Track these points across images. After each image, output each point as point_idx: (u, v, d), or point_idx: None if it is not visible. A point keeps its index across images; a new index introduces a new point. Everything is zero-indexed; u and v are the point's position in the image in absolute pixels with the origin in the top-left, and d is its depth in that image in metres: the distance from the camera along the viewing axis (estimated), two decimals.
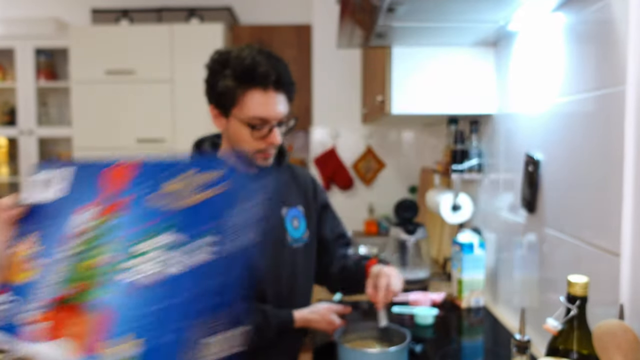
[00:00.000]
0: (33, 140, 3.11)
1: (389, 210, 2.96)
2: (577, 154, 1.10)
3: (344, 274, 1.31)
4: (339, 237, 1.39)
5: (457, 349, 1.34)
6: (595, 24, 1.03)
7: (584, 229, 1.07)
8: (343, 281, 1.32)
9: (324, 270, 1.37)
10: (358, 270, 1.28)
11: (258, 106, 1.10)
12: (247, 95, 1.10)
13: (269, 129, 1.12)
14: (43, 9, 3.35)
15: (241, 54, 1.10)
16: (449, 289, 1.78)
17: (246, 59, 1.09)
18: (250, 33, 3.09)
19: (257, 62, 1.08)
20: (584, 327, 0.88)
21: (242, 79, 1.09)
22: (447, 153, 1.80)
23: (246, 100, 1.10)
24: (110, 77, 2.92)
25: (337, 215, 1.42)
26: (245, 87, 1.09)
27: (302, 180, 1.33)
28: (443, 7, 1.15)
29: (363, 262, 1.29)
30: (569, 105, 1.14)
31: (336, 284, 1.36)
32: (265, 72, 1.08)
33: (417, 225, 1.82)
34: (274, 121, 1.12)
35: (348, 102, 2.99)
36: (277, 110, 1.11)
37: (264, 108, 1.10)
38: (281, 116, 1.13)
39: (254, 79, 1.08)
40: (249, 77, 1.08)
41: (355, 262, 1.30)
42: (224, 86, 1.10)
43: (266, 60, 1.09)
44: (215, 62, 1.13)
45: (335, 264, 1.34)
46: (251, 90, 1.09)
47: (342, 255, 1.36)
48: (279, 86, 1.11)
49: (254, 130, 1.11)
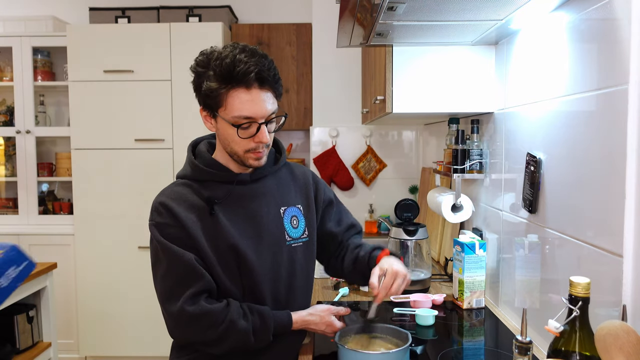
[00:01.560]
0: (31, 140, 3.10)
1: (389, 210, 2.95)
2: (579, 154, 1.09)
3: (357, 265, 1.30)
4: (349, 228, 1.39)
5: (458, 350, 1.33)
6: (597, 22, 1.02)
7: (586, 229, 1.06)
8: (355, 272, 1.31)
9: (337, 263, 1.36)
10: (369, 261, 1.26)
11: (242, 105, 1.08)
12: (230, 95, 1.09)
13: (257, 127, 1.11)
14: (41, 8, 3.34)
15: (222, 54, 1.09)
16: (450, 290, 1.78)
17: (227, 58, 1.07)
18: (250, 32, 3.08)
19: (237, 60, 1.06)
20: (586, 329, 0.87)
21: (224, 79, 1.08)
22: (447, 153, 1.79)
23: (230, 100, 1.09)
24: (108, 76, 2.91)
25: (344, 208, 1.42)
26: (228, 87, 1.08)
27: (301, 178, 1.32)
28: (443, 5, 1.14)
29: (375, 252, 1.27)
30: (570, 104, 1.13)
31: (350, 275, 1.34)
32: (244, 70, 1.06)
33: (418, 225, 1.82)
34: (260, 119, 1.11)
35: (348, 102, 2.99)
36: (263, 108, 1.10)
37: (249, 106, 1.09)
38: (268, 114, 1.12)
39: (234, 78, 1.07)
40: (229, 77, 1.07)
41: (368, 252, 1.29)
42: (208, 87, 1.09)
43: (247, 58, 1.07)
44: (198, 64, 1.12)
45: (348, 255, 1.33)
46: (234, 90, 1.08)
47: (355, 246, 1.34)
48: (263, 83, 1.09)
49: (241, 129, 1.10)
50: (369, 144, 3.00)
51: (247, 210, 1.19)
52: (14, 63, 3.05)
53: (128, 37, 2.90)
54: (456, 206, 1.79)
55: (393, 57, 1.62)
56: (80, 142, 2.95)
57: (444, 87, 1.63)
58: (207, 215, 1.14)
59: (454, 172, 1.72)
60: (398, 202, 1.87)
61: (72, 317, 3.06)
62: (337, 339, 1.15)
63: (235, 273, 1.16)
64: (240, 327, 1.11)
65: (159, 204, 1.15)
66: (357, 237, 1.40)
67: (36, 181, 3.13)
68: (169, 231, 1.12)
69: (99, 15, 3.08)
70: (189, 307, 1.09)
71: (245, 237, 1.16)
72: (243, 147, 1.13)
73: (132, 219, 2.92)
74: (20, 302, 2.23)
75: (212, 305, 1.10)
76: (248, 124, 1.10)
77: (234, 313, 1.11)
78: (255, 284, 1.17)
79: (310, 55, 3.04)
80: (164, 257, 1.12)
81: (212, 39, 2.85)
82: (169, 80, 2.91)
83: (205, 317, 1.09)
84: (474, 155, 1.72)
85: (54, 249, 3.02)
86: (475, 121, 1.75)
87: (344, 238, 1.37)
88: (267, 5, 3.32)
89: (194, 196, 1.16)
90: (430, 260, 1.85)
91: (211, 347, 1.13)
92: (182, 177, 1.21)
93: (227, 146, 1.16)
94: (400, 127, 3.01)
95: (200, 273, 1.11)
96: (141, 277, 2.89)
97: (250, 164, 1.16)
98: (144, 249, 2.92)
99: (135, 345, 3.00)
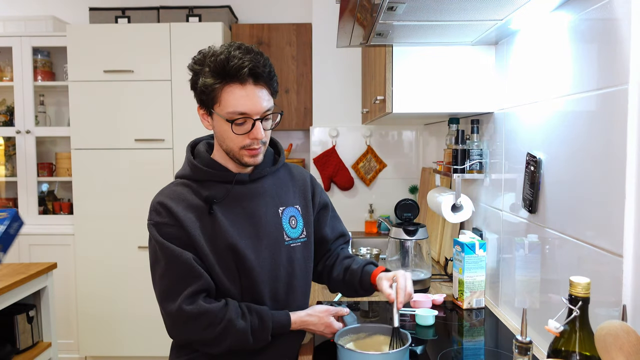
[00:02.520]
0: (31, 140, 3.09)
1: (389, 210, 2.95)
2: (579, 154, 1.09)
3: (347, 276, 1.30)
4: (339, 236, 1.40)
5: (458, 350, 1.33)
6: (597, 22, 1.02)
7: (586, 229, 1.06)
8: (345, 283, 1.31)
9: (325, 270, 1.36)
10: (363, 275, 1.27)
11: (237, 101, 1.10)
12: (225, 91, 1.10)
13: (252, 124, 1.12)
14: (41, 8, 3.34)
15: (217, 51, 1.11)
16: (450, 290, 1.78)
17: (221, 54, 1.09)
18: (250, 32, 3.08)
19: (232, 56, 1.08)
20: (586, 329, 0.87)
21: (218, 74, 1.09)
22: (447, 153, 1.79)
23: (225, 95, 1.10)
24: (108, 76, 2.91)
25: (337, 215, 1.42)
26: (222, 83, 1.10)
27: (300, 179, 1.32)
28: (443, 5, 1.14)
29: (369, 267, 1.28)
30: (570, 104, 1.13)
31: (338, 285, 1.35)
32: (238, 65, 1.07)
33: (418, 225, 1.82)
34: (255, 115, 1.12)
35: (348, 102, 2.98)
36: (258, 104, 1.11)
37: (243, 102, 1.10)
38: (263, 110, 1.12)
39: (228, 74, 1.09)
40: (223, 72, 1.09)
41: (361, 266, 1.30)
42: (203, 83, 1.11)
43: (241, 54, 1.09)
44: (195, 62, 1.14)
45: (338, 264, 1.33)
46: (229, 86, 1.10)
47: (345, 256, 1.35)
48: (257, 80, 1.11)
49: (236, 125, 1.11)
50: (369, 144, 3.00)
51: (245, 210, 1.19)
52: (14, 63, 3.05)
53: (128, 37, 2.90)
54: (456, 206, 1.79)
55: (393, 57, 1.62)
56: (80, 142, 2.95)
57: (444, 87, 1.63)
58: (205, 215, 1.15)
59: (454, 172, 1.72)
60: (398, 202, 1.86)
61: (72, 317, 3.06)
62: (337, 339, 1.15)
63: (234, 273, 1.16)
64: (239, 326, 1.11)
65: (157, 204, 1.15)
66: (346, 248, 1.42)
67: (36, 181, 3.13)
68: (167, 230, 1.12)
69: (99, 15, 3.08)
70: (187, 306, 1.09)
71: (244, 236, 1.16)
72: (238, 143, 1.14)
73: (132, 219, 2.92)
74: (20, 302, 2.23)
75: (210, 304, 1.11)
76: (243, 120, 1.11)
77: (232, 312, 1.11)
78: (254, 284, 1.17)
79: (310, 55, 3.04)
80: (163, 256, 1.12)
81: (212, 39, 2.85)
82: (169, 80, 2.91)
83: (203, 317, 1.09)
84: (474, 155, 1.72)
85: (54, 249, 3.02)
86: (475, 121, 1.75)
87: (333, 246, 1.37)
88: (267, 5, 3.31)
89: (193, 196, 1.16)
90: (430, 260, 1.85)
91: (209, 346, 1.13)
92: (181, 177, 1.21)
93: (222, 143, 1.17)
94: (400, 127, 3.01)
95: (199, 272, 1.11)
96: (141, 277, 2.89)
97: (245, 161, 1.16)
98: (143, 248, 2.91)
99: (135, 345, 3.00)
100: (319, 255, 1.37)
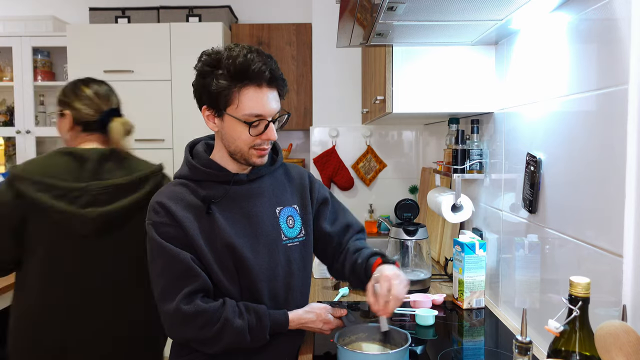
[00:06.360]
0: (31, 140, 3.09)
1: (389, 210, 2.95)
2: (579, 154, 1.09)
3: (354, 272, 1.28)
4: (346, 229, 1.36)
5: (458, 350, 1.33)
6: (597, 22, 1.02)
7: (586, 229, 1.06)
8: (355, 279, 1.29)
9: (336, 265, 1.35)
10: (365, 268, 1.24)
11: (253, 103, 1.12)
12: (242, 93, 1.11)
13: (265, 125, 1.14)
14: (41, 8, 3.34)
15: (232, 53, 1.11)
16: (450, 290, 1.78)
17: (238, 57, 1.10)
18: (250, 32, 3.08)
19: (250, 60, 1.10)
20: (586, 329, 0.87)
21: (237, 77, 1.10)
22: (447, 153, 1.79)
23: (241, 98, 1.12)
24: (108, 76, 2.90)
25: (341, 207, 1.40)
26: (240, 85, 1.11)
27: (297, 179, 1.32)
28: (443, 5, 1.14)
29: (372, 260, 1.25)
30: (570, 104, 1.13)
31: (354, 283, 1.32)
32: (259, 69, 1.10)
33: (418, 225, 1.82)
34: (269, 117, 1.14)
35: (348, 102, 2.98)
36: (272, 106, 1.14)
37: (260, 104, 1.12)
38: (275, 112, 1.15)
39: (248, 77, 1.10)
40: (243, 75, 1.10)
41: (365, 259, 1.26)
42: (217, 86, 1.11)
43: (258, 58, 1.11)
44: (205, 63, 1.14)
45: (347, 261, 1.30)
46: (246, 88, 1.11)
47: (354, 250, 1.31)
48: (272, 82, 1.13)
49: (251, 127, 1.13)
50: (369, 144, 3.00)
51: (243, 210, 1.19)
52: (14, 63, 3.05)
53: (128, 37, 2.90)
54: (456, 206, 1.79)
55: (393, 57, 1.62)
56: None
57: (444, 87, 1.63)
58: (203, 215, 1.15)
59: (454, 172, 1.72)
60: (398, 202, 1.86)
61: None
62: (337, 340, 1.15)
63: (233, 272, 1.16)
64: (236, 325, 1.11)
65: (156, 204, 1.15)
66: (357, 239, 1.37)
67: None
68: (166, 230, 1.13)
69: (99, 15, 3.08)
70: (185, 306, 1.09)
71: (242, 236, 1.17)
72: (249, 143, 1.15)
73: None
74: None
75: (207, 304, 1.11)
76: (257, 122, 1.13)
77: (229, 312, 1.12)
78: (252, 283, 1.17)
79: (310, 55, 3.04)
80: (161, 256, 1.12)
81: (212, 39, 2.85)
82: (169, 80, 2.91)
83: (201, 316, 1.09)
84: (474, 155, 1.72)
85: None
86: (475, 121, 1.75)
87: (342, 240, 1.34)
88: (267, 5, 3.32)
89: (191, 196, 1.16)
90: (430, 260, 1.85)
91: (207, 345, 1.13)
92: (180, 177, 1.22)
93: (232, 144, 1.16)
94: (400, 127, 3.01)
95: (197, 272, 1.12)
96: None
97: (254, 161, 1.17)
98: None
99: None
100: (330, 252, 1.35)
